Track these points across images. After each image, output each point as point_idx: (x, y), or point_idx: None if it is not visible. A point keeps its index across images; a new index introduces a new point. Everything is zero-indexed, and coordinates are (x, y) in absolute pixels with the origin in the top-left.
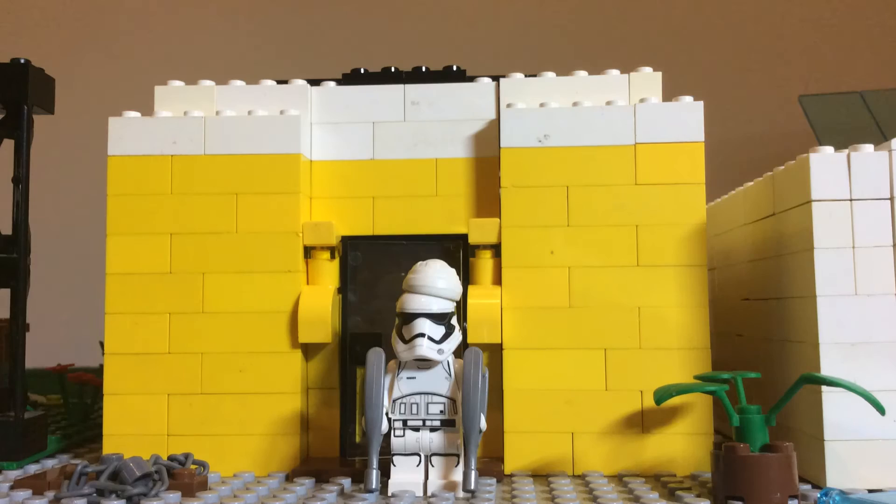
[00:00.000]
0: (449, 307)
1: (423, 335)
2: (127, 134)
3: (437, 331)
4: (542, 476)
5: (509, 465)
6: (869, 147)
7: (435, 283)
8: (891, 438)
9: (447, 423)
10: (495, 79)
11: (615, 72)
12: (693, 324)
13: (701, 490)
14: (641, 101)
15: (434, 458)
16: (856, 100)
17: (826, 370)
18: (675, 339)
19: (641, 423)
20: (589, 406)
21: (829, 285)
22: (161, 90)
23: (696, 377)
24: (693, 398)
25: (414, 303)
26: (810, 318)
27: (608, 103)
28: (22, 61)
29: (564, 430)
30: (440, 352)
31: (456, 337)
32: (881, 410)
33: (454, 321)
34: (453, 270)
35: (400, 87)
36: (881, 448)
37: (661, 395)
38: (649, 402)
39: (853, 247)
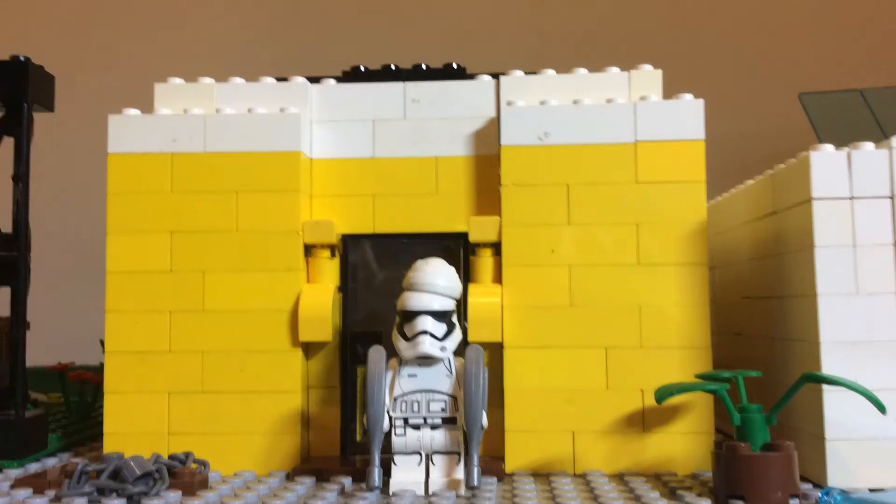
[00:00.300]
0: (450, 305)
1: (425, 332)
2: (127, 132)
3: (440, 328)
4: (542, 475)
5: (510, 464)
6: (870, 145)
7: (436, 280)
8: (892, 437)
9: (448, 421)
10: (495, 76)
11: (615, 69)
12: (694, 322)
13: (702, 489)
14: (642, 98)
15: (435, 457)
16: (856, 98)
17: (827, 369)
18: (675, 338)
19: (642, 422)
20: (590, 405)
21: (830, 284)
22: (161, 88)
23: (697, 376)
24: (694, 397)
25: (416, 300)
26: (811, 317)
27: (608, 101)
28: (22, 59)
29: (565, 428)
30: (443, 349)
31: (457, 335)
32: (882, 409)
33: (455, 319)
34: (453, 269)
35: (400, 84)
36: (882, 447)
37: (662, 393)
38: (650, 401)
39: (854, 245)
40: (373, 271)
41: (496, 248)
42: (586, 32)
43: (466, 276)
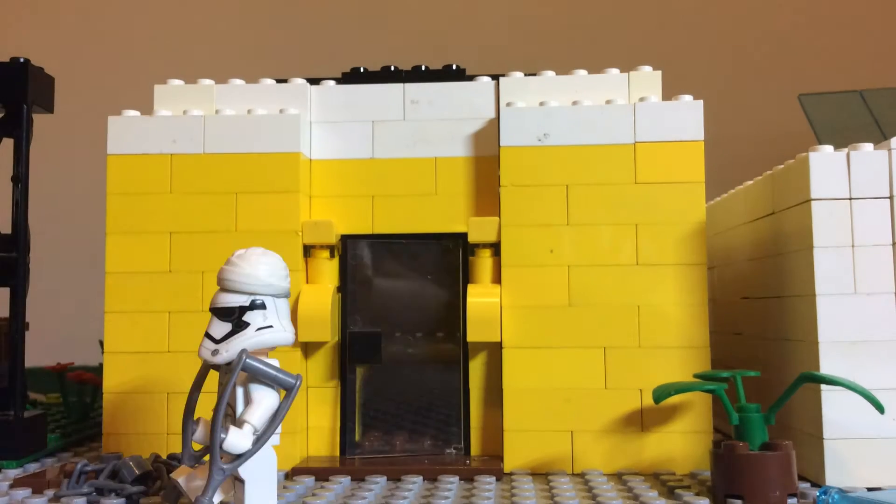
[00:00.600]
0: (237, 301)
1: (206, 334)
2: (126, 133)
3: (221, 328)
4: (541, 474)
5: (509, 464)
6: (868, 146)
7: (223, 275)
8: (890, 437)
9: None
10: (495, 77)
11: (615, 71)
12: (692, 322)
13: (700, 488)
14: (641, 99)
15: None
16: (855, 99)
17: (825, 369)
18: (674, 338)
19: (641, 421)
20: (588, 404)
21: (829, 284)
22: (160, 89)
23: (696, 376)
24: (692, 397)
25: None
26: (810, 317)
27: (608, 102)
28: (21, 60)
29: (564, 428)
30: (215, 352)
31: (245, 337)
32: (880, 409)
33: (252, 317)
34: (264, 259)
35: (399, 85)
36: (880, 446)
37: (660, 393)
38: (649, 400)
39: (853, 245)
40: (372, 272)
41: (495, 248)
42: (586, 33)
43: (465, 277)
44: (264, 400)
